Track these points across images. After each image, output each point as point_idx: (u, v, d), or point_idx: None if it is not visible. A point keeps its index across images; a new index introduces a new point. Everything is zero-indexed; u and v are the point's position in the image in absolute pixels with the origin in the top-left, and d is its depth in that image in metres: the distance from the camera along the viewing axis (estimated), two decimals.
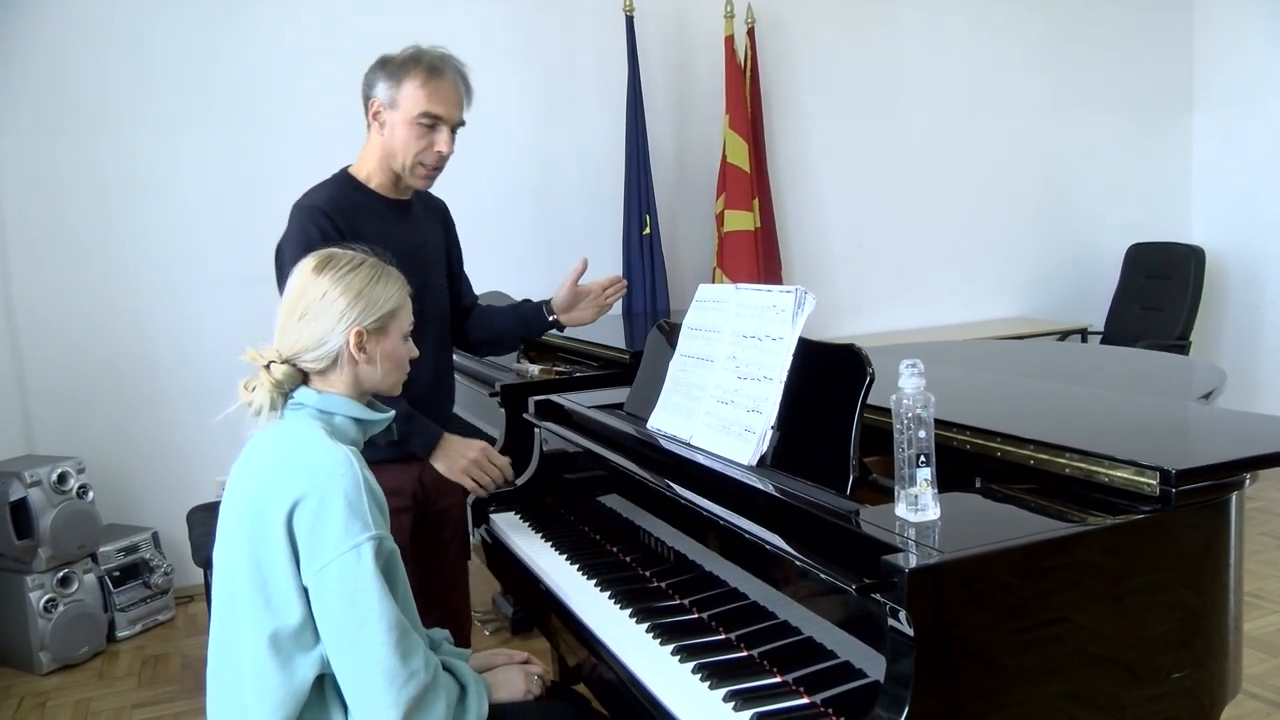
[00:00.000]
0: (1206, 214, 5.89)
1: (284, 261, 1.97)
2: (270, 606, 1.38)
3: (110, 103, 3.83)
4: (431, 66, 2.05)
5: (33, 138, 3.74)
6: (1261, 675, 2.93)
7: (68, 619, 3.43)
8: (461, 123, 2.11)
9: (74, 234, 3.82)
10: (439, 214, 2.31)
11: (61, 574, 3.46)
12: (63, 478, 3.48)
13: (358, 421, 1.55)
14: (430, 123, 2.04)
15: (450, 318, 2.30)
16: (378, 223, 2.06)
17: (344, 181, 2.12)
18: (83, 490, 3.55)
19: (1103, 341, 5.31)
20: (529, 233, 4.42)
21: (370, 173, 2.12)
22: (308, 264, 1.53)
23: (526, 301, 2.42)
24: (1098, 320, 5.47)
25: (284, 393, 1.50)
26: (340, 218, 2.00)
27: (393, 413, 1.63)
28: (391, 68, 2.06)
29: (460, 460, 2.02)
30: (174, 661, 3.48)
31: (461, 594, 2.34)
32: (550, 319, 2.33)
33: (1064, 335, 5.12)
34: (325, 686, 1.42)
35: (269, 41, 4.03)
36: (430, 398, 2.12)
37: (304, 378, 1.52)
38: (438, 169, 2.11)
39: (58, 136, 3.77)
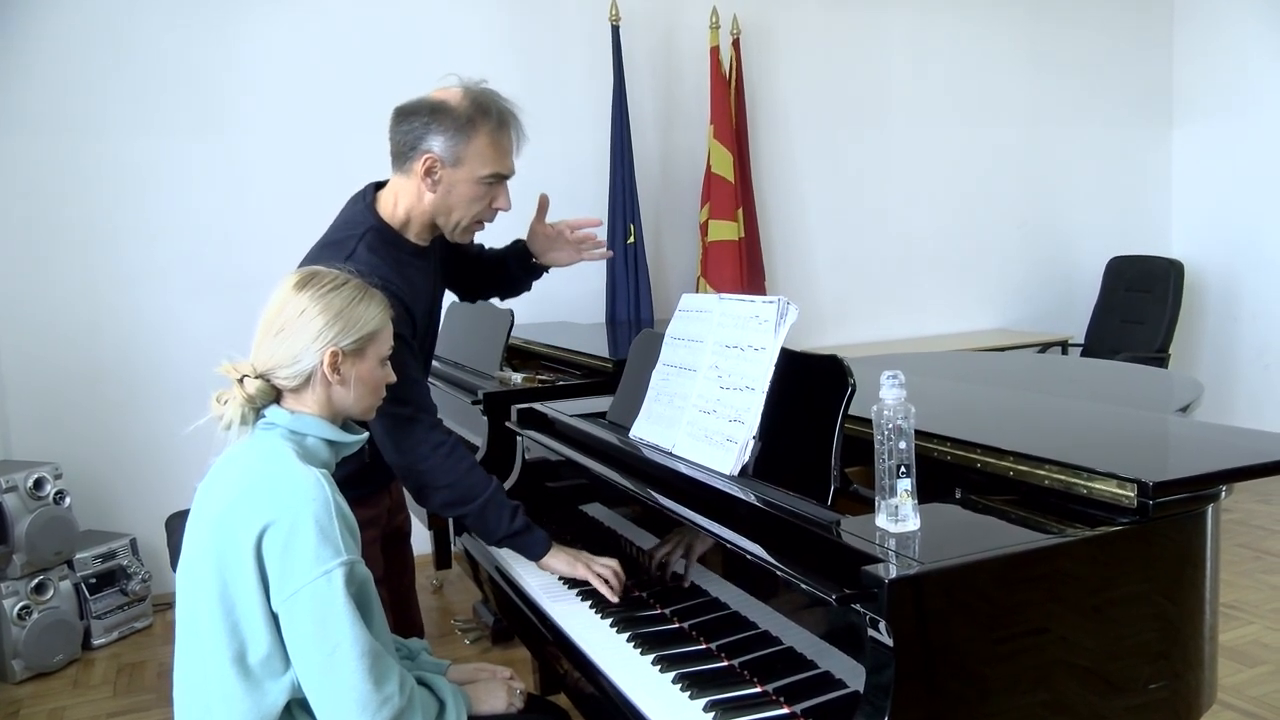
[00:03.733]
0: (1186, 228, 5.95)
1: None
2: (235, 632, 1.36)
3: (93, 105, 3.80)
4: (501, 119, 1.87)
5: (12, 138, 3.71)
6: (1238, 686, 2.95)
7: (42, 626, 3.39)
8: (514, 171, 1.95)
9: (53, 236, 3.79)
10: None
11: (37, 581, 3.42)
12: (39, 483, 3.45)
13: (330, 443, 1.52)
14: (496, 180, 1.91)
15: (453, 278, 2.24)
16: (419, 279, 1.94)
17: (383, 234, 1.90)
18: (60, 496, 3.51)
19: (1083, 353, 5.35)
20: (512, 239, 4.42)
21: (406, 222, 1.93)
22: (290, 280, 1.51)
23: (515, 244, 2.31)
24: (1078, 332, 5.51)
25: (256, 408, 1.48)
26: (402, 285, 1.84)
27: (365, 435, 1.60)
28: (456, 119, 1.83)
29: (580, 558, 1.90)
30: (150, 669, 3.44)
31: (415, 602, 2.32)
32: (533, 261, 2.25)
33: (1045, 347, 5.16)
34: (295, 709, 1.40)
35: (254, 46, 4.01)
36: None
37: (277, 395, 1.50)
38: (489, 223, 1.99)
39: (38, 138, 3.75)
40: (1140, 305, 5.29)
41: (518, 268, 2.28)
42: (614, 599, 1.83)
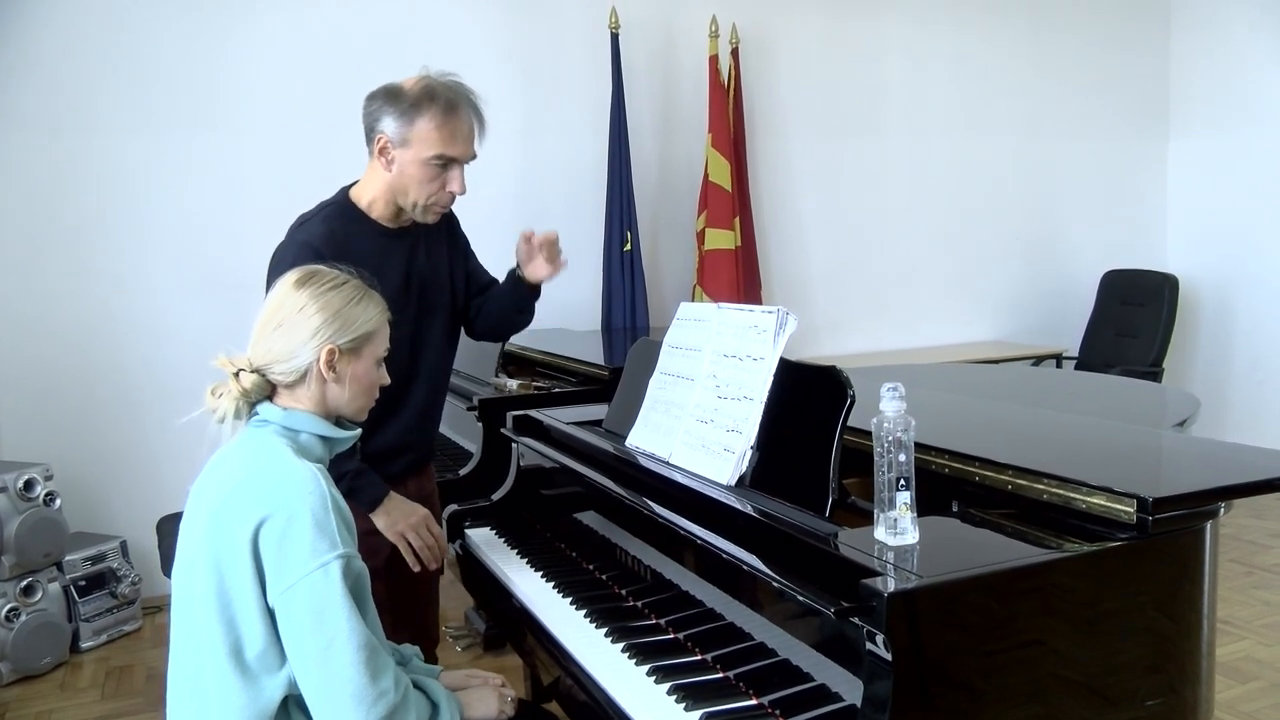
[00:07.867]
0: (1181, 242, 5.97)
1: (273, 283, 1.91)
2: (232, 627, 1.35)
3: (87, 103, 3.79)
4: (449, 104, 1.92)
5: (4, 135, 3.70)
6: (1231, 701, 2.94)
7: (30, 628, 3.37)
8: (473, 157, 2.01)
9: (45, 234, 3.78)
10: (443, 224, 2.16)
11: (25, 582, 3.39)
12: (29, 484, 3.42)
13: (324, 439, 1.52)
14: (444, 164, 1.95)
15: (460, 314, 2.25)
16: (371, 255, 1.96)
17: (343, 209, 2.02)
18: (50, 497, 3.49)
19: (1077, 367, 5.35)
20: (508, 245, 4.41)
21: (372, 202, 2.02)
22: (290, 277, 1.52)
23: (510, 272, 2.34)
24: (1072, 345, 5.52)
25: (250, 402, 1.48)
26: (333, 253, 1.86)
27: (359, 430, 1.60)
28: (403, 104, 1.92)
29: (401, 522, 1.93)
30: (139, 673, 3.42)
31: (433, 609, 2.31)
32: (516, 273, 2.25)
33: (1039, 360, 5.16)
34: (291, 706, 1.39)
35: (251, 45, 4.01)
36: (417, 425, 2.10)
37: (271, 391, 1.50)
38: (449, 206, 2.05)
39: (31, 135, 3.73)
40: (1135, 319, 5.29)
41: (510, 291, 2.29)
42: (414, 568, 1.94)
